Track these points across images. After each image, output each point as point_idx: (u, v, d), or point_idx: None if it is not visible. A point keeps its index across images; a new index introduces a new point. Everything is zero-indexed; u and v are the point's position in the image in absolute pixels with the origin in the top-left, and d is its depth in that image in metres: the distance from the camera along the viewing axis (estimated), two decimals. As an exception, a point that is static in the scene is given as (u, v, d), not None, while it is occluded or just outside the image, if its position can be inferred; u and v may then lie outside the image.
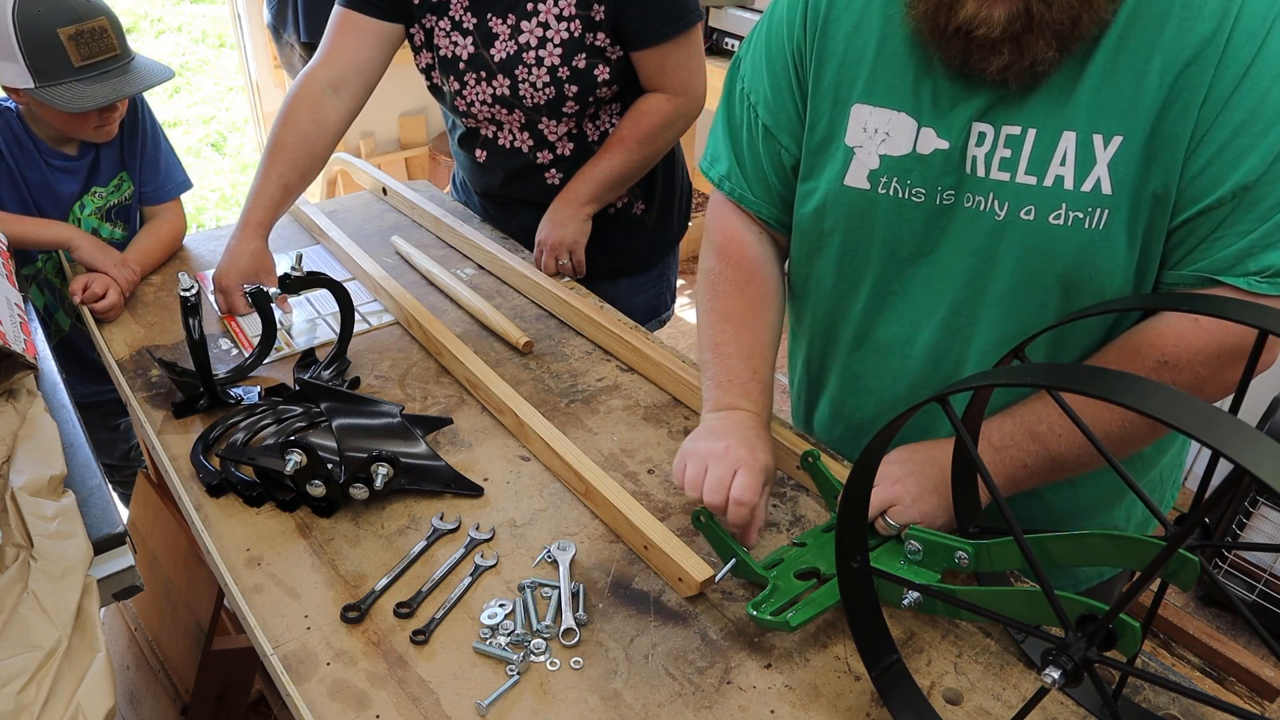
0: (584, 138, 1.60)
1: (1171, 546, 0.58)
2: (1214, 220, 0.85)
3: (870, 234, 1.01)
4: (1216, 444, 0.50)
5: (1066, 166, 0.88)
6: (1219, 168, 0.83)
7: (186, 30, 5.63)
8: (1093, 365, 0.78)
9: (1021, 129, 0.89)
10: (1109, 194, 0.87)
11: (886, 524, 0.93)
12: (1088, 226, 0.88)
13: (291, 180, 1.43)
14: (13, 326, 1.14)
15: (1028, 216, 0.91)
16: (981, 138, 0.91)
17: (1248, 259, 0.85)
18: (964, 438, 0.70)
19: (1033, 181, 0.90)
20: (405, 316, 1.41)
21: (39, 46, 1.39)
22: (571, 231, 1.57)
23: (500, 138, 1.60)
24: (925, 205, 0.96)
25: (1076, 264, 0.90)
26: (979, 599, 0.79)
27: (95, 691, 0.83)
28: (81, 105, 1.41)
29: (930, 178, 0.95)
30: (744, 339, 1.09)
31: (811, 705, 0.86)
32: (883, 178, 0.98)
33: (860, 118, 0.98)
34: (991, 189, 0.92)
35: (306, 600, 0.95)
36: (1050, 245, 0.91)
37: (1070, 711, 0.86)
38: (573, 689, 0.87)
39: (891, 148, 0.96)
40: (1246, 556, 2.27)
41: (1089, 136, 0.86)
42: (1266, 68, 0.81)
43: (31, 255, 1.62)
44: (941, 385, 1.00)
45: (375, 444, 1.09)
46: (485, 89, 1.52)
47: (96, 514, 0.99)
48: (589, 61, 1.47)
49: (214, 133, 4.91)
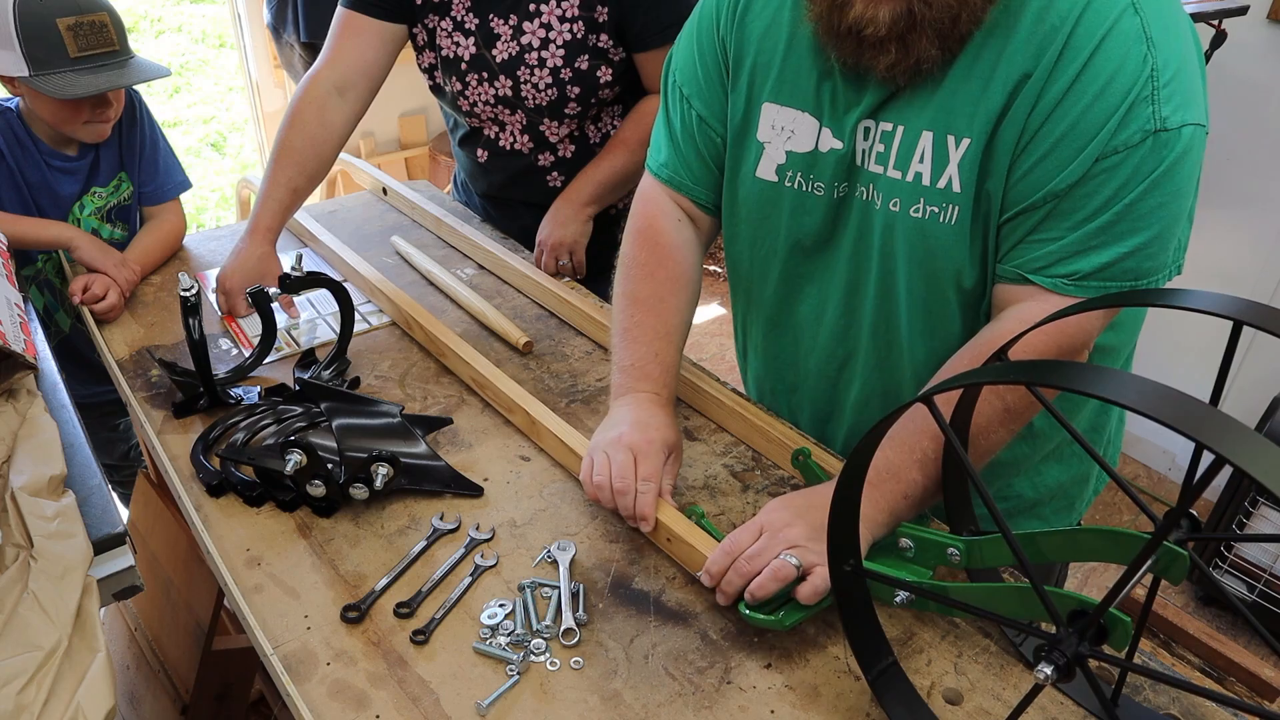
0: (585, 140, 1.60)
1: (1156, 539, 0.59)
2: (1030, 222, 0.91)
3: (778, 224, 1.08)
4: (1191, 431, 0.50)
5: (925, 164, 0.94)
6: (1038, 175, 0.88)
7: (186, 30, 5.64)
8: (1071, 361, 0.78)
9: (893, 125, 0.95)
10: (958, 192, 0.93)
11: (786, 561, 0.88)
12: (941, 221, 0.94)
13: (299, 184, 1.44)
14: (13, 327, 1.14)
15: (894, 208, 0.97)
16: (867, 133, 0.97)
17: (1057, 263, 0.91)
18: (951, 439, 0.70)
19: (898, 176, 0.96)
20: (404, 318, 1.41)
21: (37, 34, 1.40)
22: (572, 232, 1.57)
23: (501, 139, 1.61)
24: (825, 199, 1.03)
25: (932, 254, 0.97)
26: (970, 596, 0.79)
27: (95, 691, 0.83)
28: (72, 93, 1.41)
29: (827, 174, 1.01)
30: (649, 323, 1.12)
31: (811, 705, 0.86)
32: (788, 172, 1.04)
33: (770, 116, 1.04)
34: (871, 180, 0.99)
35: (306, 600, 0.95)
36: (910, 235, 0.97)
37: (1070, 712, 0.86)
38: (573, 689, 0.87)
39: (796, 145, 1.02)
40: (1246, 556, 2.27)
41: (944, 136, 0.92)
42: (1090, 85, 0.85)
43: (31, 256, 1.62)
44: (843, 362, 1.13)
45: (375, 444, 1.09)
46: (487, 89, 1.52)
47: (96, 514, 0.99)
48: (591, 63, 1.48)
49: (214, 133, 4.91)
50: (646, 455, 1.00)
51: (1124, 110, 0.84)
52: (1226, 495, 2.26)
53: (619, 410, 1.07)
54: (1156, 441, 2.83)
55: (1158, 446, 2.84)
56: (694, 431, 1.23)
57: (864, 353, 1.10)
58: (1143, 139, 0.84)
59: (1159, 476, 2.84)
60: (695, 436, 1.22)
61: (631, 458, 1.00)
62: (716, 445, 1.21)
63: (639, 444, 1.00)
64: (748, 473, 1.16)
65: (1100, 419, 1.16)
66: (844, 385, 1.15)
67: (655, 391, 1.08)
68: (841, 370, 1.14)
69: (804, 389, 1.20)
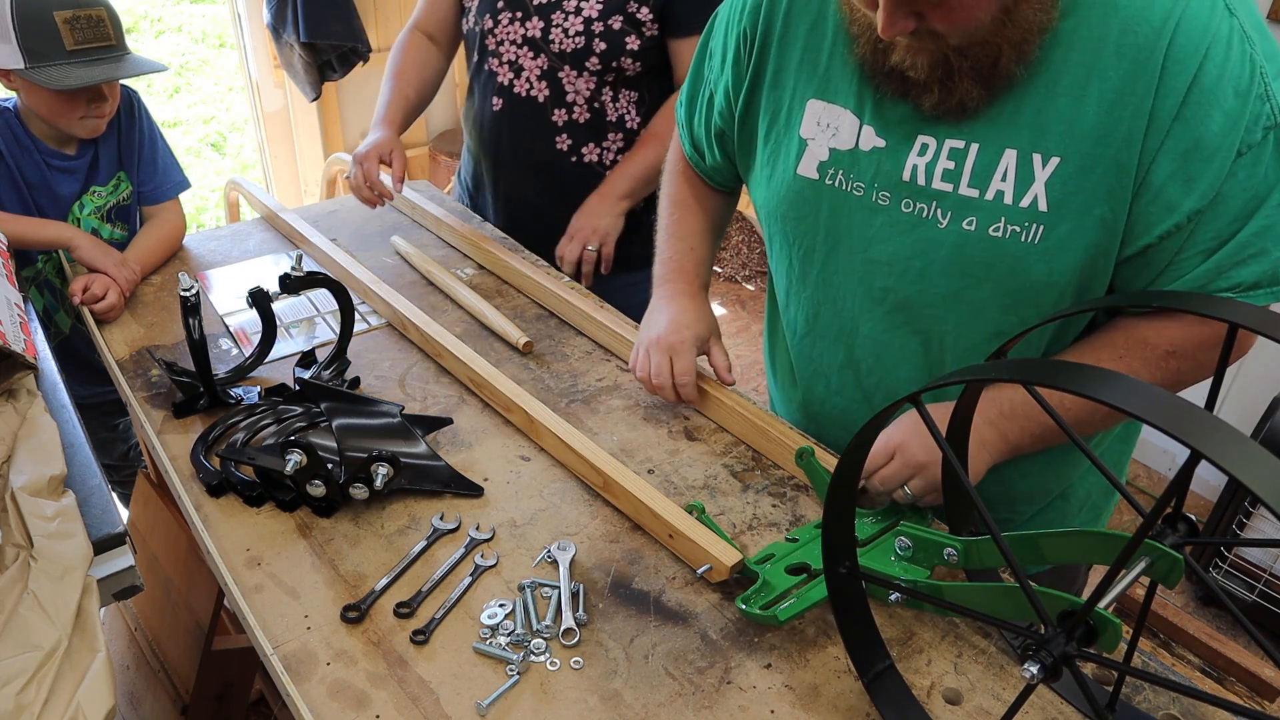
0: (602, 114, 1.64)
1: (1138, 536, 0.59)
2: (1173, 246, 0.89)
3: (816, 223, 1.06)
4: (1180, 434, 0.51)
5: (1007, 182, 0.92)
6: (1171, 194, 0.86)
7: (186, 30, 5.63)
8: (1065, 360, 0.79)
9: (965, 143, 0.93)
10: (1045, 211, 0.90)
11: (904, 493, 0.98)
12: (1024, 240, 0.92)
13: (411, 96, 1.71)
14: (13, 327, 1.14)
15: (969, 227, 0.94)
16: (925, 148, 0.95)
17: (1217, 278, 0.89)
18: (940, 442, 0.70)
19: (975, 194, 0.93)
20: (399, 320, 1.41)
21: (33, 27, 1.40)
22: (605, 224, 1.61)
23: (517, 85, 1.64)
24: (863, 200, 1.01)
25: (1011, 274, 0.94)
26: (962, 596, 0.79)
27: (95, 691, 0.83)
28: (68, 83, 1.41)
29: (867, 174, 1.00)
30: (686, 220, 1.28)
31: (811, 705, 0.86)
32: (830, 169, 1.03)
33: (815, 112, 1.03)
34: (934, 198, 0.96)
35: (306, 600, 0.95)
36: (988, 255, 0.94)
37: (1070, 712, 0.86)
38: (573, 689, 0.87)
39: (839, 142, 1.02)
40: (1247, 556, 2.27)
41: (1029, 155, 0.90)
42: (1204, 94, 0.83)
43: (31, 257, 1.62)
44: (885, 378, 1.09)
45: (375, 444, 1.09)
46: (517, 29, 1.59)
47: (96, 514, 0.99)
48: (623, 26, 1.54)
49: (214, 133, 4.90)
50: (680, 353, 1.18)
51: (1243, 112, 0.82)
52: (1226, 496, 2.26)
53: (658, 302, 1.25)
54: (1157, 442, 2.83)
55: (1158, 447, 2.84)
56: (694, 431, 1.23)
57: (911, 365, 1.06)
58: (1265, 135, 0.83)
59: (1160, 477, 2.84)
60: (695, 436, 1.22)
61: (667, 359, 1.18)
62: (716, 445, 1.21)
63: (674, 344, 1.19)
64: (748, 473, 1.16)
65: (1132, 425, 1.15)
66: (880, 393, 1.11)
67: (688, 283, 1.24)
68: (883, 380, 1.10)
69: (835, 400, 1.16)
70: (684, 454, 1.19)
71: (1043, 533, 0.76)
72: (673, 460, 1.18)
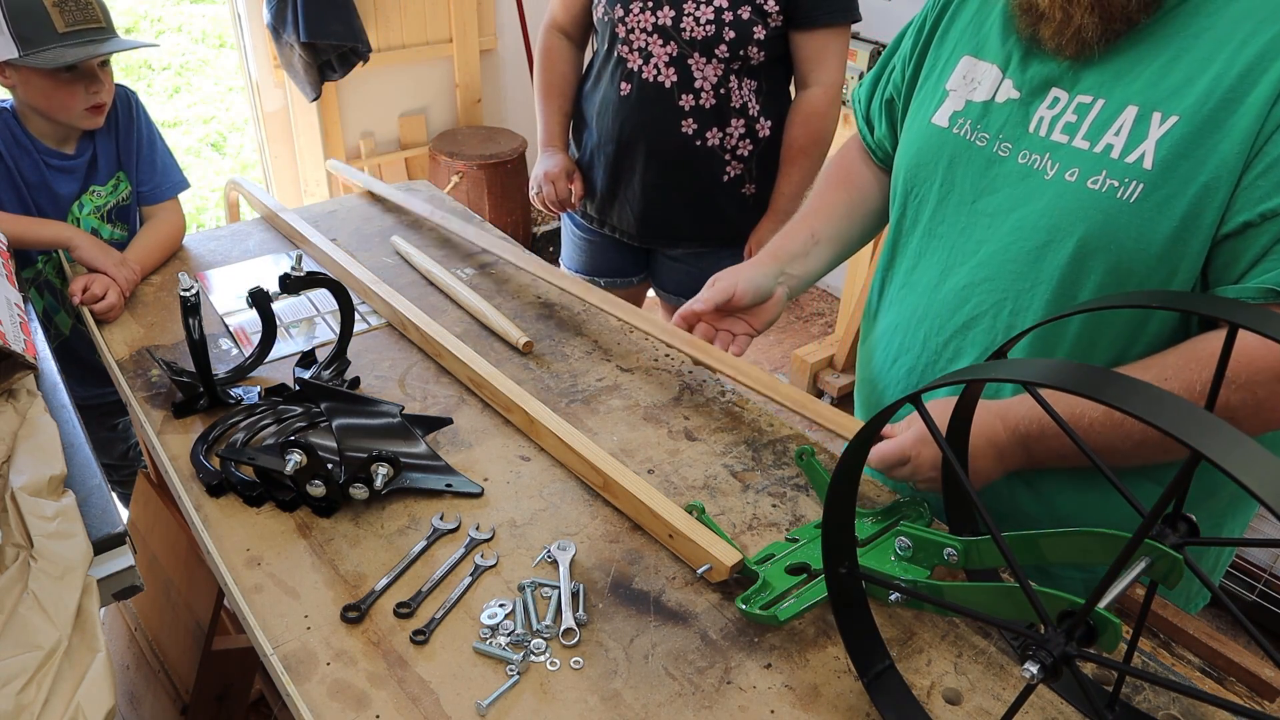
0: (727, 99, 1.73)
1: (1138, 536, 0.59)
2: (1272, 231, 0.83)
3: (935, 171, 1.08)
4: (1179, 433, 0.50)
5: (1120, 136, 0.91)
6: None
7: (186, 30, 5.63)
8: (1075, 362, 0.78)
9: (1093, 98, 0.93)
10: (1148, 169, 0.88)
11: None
12: (1119, 196, 0.90)
13: (567, 109, 1.92)
14: (13, 327, 1.14)
15: (1071, 178, 0.94)
16: (1055, 101, 0.96)
17: None
18: (940, 443, 0.70)
19: (1085, 146, 0.93)
20: (398, 320, 1.41)
21: (23, 13, 1.41)
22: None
23: (645, 71, 1.73)
24: (985, 150, 1.02)
25: (1100, 231, 0.91)
26: (962, 596, 0.79)
27: (95, 691, 0.83)
28: (64, 60, 1.42)
29: (995, 125, 1.01)
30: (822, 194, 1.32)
31: (811, 705, 0.86)
32: (960, 119, 1.05)
33: (964, 67, 1.06)
34: (1049, 149, 0.96)
35: (306, 600, 0.95)
36: (1081, 206, 0.93)
37: (1070, 712, 0.86)
38: (573, 689, 0.87)
39: (977, 95, 1.04)
40: (1247, 557, 2.27)
41: (1149, 112, 0.89)
42: None
43: (31, 257, 1.62)
44: (956, 332, 1.06)
45: (375, 444, 1.09)
46: (648, 17, 1.67)
47: (96, 514, 0.99)
48: (751, 16, 1.65)
49: (214, 133, 4.90)
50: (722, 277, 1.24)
51: None
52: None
53: None
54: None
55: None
56: (694, 431, 1.23)
57: (985, 324, 1.03)
58: None
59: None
60: (695, 436, 1.22)
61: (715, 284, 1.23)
62: (716, 445, 1.21)
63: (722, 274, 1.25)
64: (748, 473, 1.16)
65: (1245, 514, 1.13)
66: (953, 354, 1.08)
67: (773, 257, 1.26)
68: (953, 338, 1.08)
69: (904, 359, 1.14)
70: (684, 454, 1.19)
71: (1043, 533, 0.75)
72: (673, 460, 1.18)
